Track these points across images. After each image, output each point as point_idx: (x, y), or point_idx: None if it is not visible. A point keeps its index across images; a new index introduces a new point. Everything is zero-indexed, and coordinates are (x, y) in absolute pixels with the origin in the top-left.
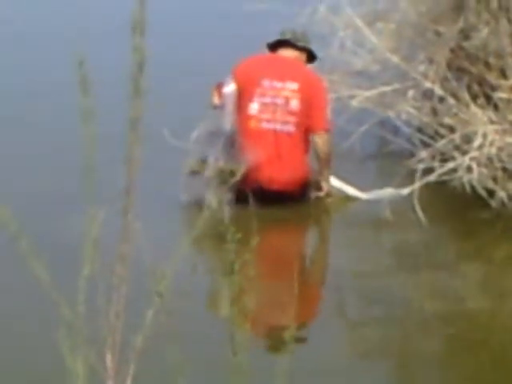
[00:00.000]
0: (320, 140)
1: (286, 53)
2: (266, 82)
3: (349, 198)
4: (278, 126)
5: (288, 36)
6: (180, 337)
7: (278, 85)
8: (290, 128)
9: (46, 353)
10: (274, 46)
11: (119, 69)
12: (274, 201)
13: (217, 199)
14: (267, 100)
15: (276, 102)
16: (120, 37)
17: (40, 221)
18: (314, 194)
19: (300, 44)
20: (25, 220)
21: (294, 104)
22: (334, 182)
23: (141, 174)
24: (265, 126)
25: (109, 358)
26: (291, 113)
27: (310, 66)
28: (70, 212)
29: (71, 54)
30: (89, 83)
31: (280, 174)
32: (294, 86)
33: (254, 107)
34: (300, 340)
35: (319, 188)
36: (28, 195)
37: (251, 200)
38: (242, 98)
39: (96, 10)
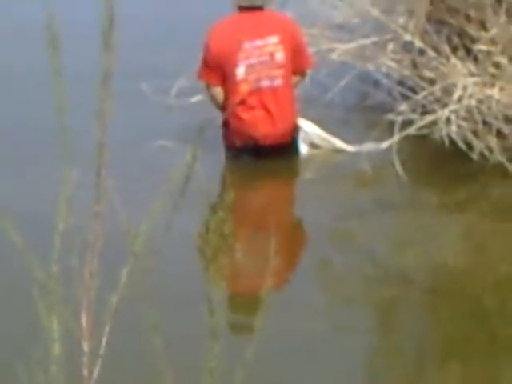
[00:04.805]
0: (297, 82)
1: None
2: (247, 45)
3: (333, 151)
4: (267, 83)
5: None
6: (155, 296)
7: (260, 43)
8: (278, 82)
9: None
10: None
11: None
12: (266, 155)
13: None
14: (253, 61)
15: (262, 60)
16: None
17: None
18: (304, 149)
19: (258, 4)
20: None
21: (280, 56)
22: (320, 132)
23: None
24: (254, 85)
25: (84, 319)
26: (278, 66)
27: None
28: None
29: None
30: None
31: (273, 128)
32: (274, 39)
33: (240, 71)
34: (279, 293)
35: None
36: None
37: (245, 156)
38: (226, 66)
39: None
